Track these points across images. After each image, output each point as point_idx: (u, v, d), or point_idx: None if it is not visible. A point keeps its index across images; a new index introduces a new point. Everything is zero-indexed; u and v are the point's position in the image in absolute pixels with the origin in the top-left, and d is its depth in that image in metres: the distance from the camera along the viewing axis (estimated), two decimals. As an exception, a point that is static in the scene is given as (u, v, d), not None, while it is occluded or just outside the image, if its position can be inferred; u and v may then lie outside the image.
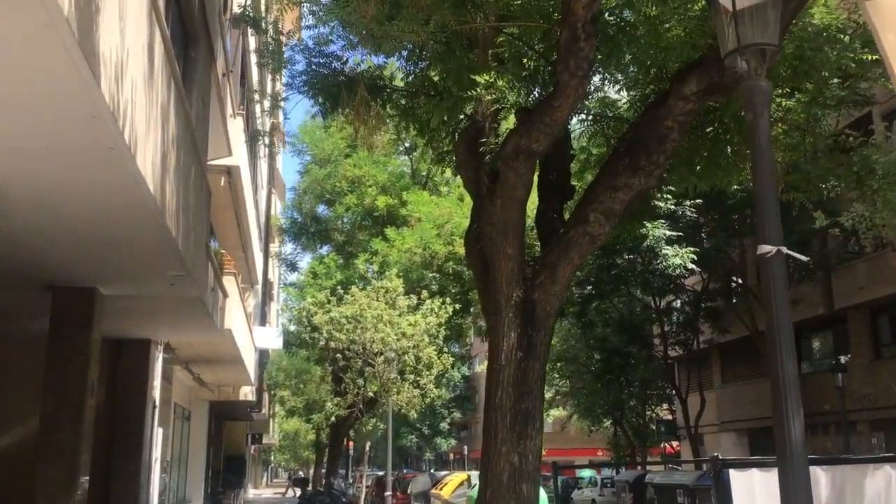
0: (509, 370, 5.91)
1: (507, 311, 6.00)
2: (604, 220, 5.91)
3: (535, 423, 5.93)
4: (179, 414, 22.94)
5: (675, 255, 19.03)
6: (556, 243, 6.17)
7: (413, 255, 21.15)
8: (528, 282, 6.11)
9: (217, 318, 11.88)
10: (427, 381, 17.39)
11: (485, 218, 6.15)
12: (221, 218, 17.80)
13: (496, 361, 5.99)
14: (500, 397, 5.89)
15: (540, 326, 6.06)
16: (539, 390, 6.04)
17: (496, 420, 5.86)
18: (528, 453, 5.79)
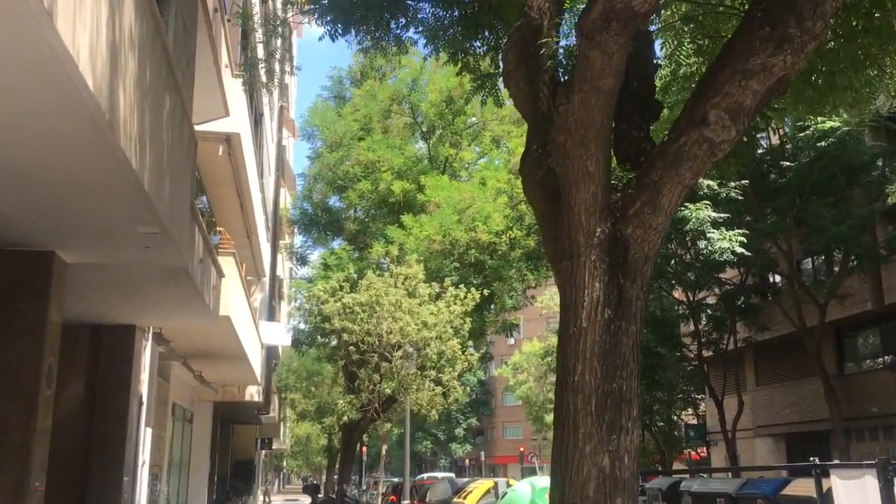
0: (593, 335, 4.18)
1: (589, 252, 4.27)
2: (729, 122, 4.13)
3: (630, 409, 4.19)
4: (180, 415, 21.27)
5: (721, 238, 17.17)
6: (659, 157, 4.37)
7: (432, 244, 19.42)
8: (618, 212, 4.37)
9: (210, 299, 10.17)
10: (450, 377, 15.56)
11: (556, 123, 4.39)
12: (220, 194, 16.17)
13: (573, 324, 4.25)
14: (581, 375, 4.15)
15: (635, 273, 4.32)
16: (635, 363, 4.31)
17: (576, 407, 4.13)
18: (622, 453, 4.07)
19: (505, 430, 76.36)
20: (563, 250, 4.36)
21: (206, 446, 23.51)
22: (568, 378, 4.19)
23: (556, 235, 4.46)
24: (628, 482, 4.03)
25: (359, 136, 23.69)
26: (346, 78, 27.00)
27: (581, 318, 4.19)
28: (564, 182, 4.35)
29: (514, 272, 20.85)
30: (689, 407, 38.38)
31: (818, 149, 16.99)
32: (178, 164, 7.33)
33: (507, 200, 21.25)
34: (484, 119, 24.14)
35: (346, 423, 26.93)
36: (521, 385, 63.16)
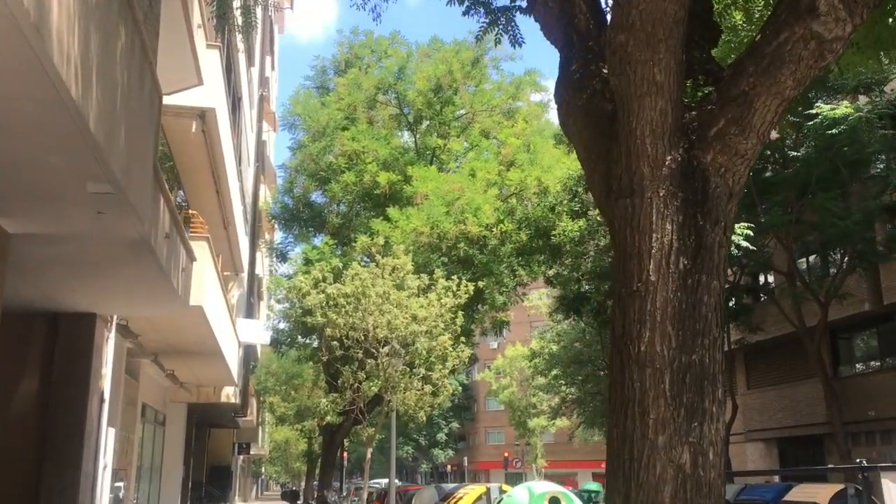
0: (664, 292, 3.22)
1: (656, 187, 3.31)
2: (844, 12, 3.17)
3: (714, 389, 3.22)
4: (151, 417, 20.08)
5: (726, 232, 16.32)
6: (750, 60, 3.36)
7: (419, 236, 18.40)
8: (694, 134, 3.40)
9: (178, 282, 9.11)
10: (440, 376, 14.49)
11: (613, 21, 3.39)
12: (194, 181, 15.09)
13: (637, 278, 3.27)
14: (650, 343, 3.17)
15: (718, 213, 3.35)
16: (719, 329, 3.34)
17: (643, 386, 3.15)
18: (706, 446, 3.10)
19: (487, 435, 75.33)
20: (621, 186, 3.39)
21: (179, 450, 22.31)
22: (630, 348, 3.21)
23: (608, 171, 3.49)
24: (714, 485, 3.06)
25: (343, 125, 22.63)
26: (330, 68, 25.98)
27: (648, 269, 3.22)
28: (624, 97, 3.37)
29: (504, 267, 19.88)
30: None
31: (827, 137, 16.15)
32: (137, 116, 6.29)
33: (497, 193, 20.29)
34: (473, 110, 23.19)
35: (327, 426, 25.83)
36: (504, 389, 62.17)
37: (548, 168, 20.15)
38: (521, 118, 22.33)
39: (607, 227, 3.63)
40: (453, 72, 21.87)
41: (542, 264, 21.50)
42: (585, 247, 20.96)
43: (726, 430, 25.73)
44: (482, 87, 23.05)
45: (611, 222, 3.49)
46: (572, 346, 33.53)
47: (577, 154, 3.92)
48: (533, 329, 64.29)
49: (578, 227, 20.15)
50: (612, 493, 3.18)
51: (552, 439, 64.52)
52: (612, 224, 3.48)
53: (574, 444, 56.32)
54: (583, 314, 28.15)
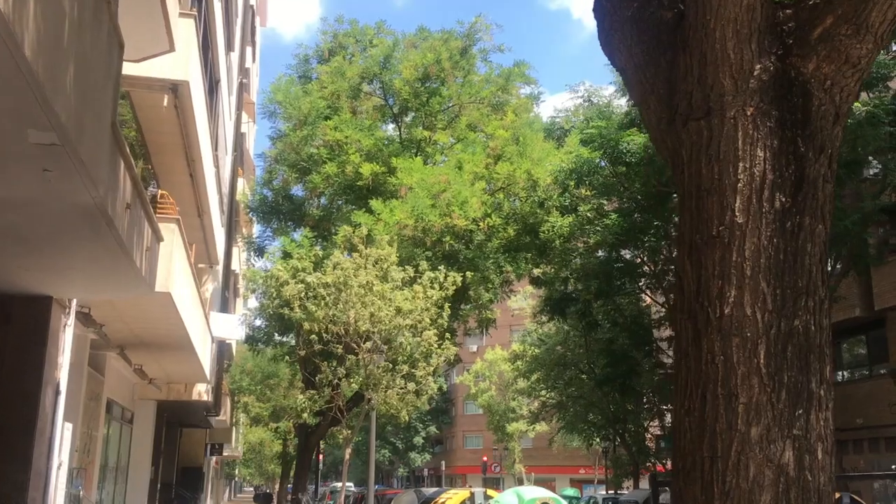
0: (756, 238, 2.46)
1: (743, 103, 2.55)
2: None
3: (822, 365, 2.45)
4: (117, 414, 19.13)
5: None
6: None
7: (403, 229, 17.60)
8: (790, 37, 2.65)
9: (143, 263, 8.26)
10: (424, 374, 13.64)
11: None
12: (167, 164, 14.21)
13: (717, 221, 2.50)
14: (738, 304, 2.41)
15: (823, 138, 2.59)
16: (825, 287, 2.58)
17: (729, 361, 2.37)
18: (814, 441, 2.34)
19: (465, 439, 74.53)
20: (693, 105, 2.61)
21: (147, 450, 21.34)
22: (709, 311, 2.44)
23: (671, 89, 2.73)
24: (824, 493, 2.31)
25: (325, 114, 21.76)
26: (313, 57, 25.08)
27: (733, 208, 2.46)
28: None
29: (490, 263, 19.11)
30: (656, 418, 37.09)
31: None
32: (91, 60, 5.47)
33: (484, 186, 19.54)
34: (460, 101, 22.42)
35: (303, 427, 24.93)
36: (482, 393, 61.42)
37: (538, 161, 19.42)
38: (510, 110, 21.59)
39: (669, 160, 2.81)
40: (441, 61, 21.09)
41: (529, 262, 20.77)
42: (574, 243, 20.28)
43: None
44: (470, 78, 22.29)
45: (674, 154, 2.73)
46: (555, 349, 32.87)
47: (625, 80, 3.16)
48: (513, 332, 63.65)
49: (568, 224, 19.46)
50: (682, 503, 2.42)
51: (531, 444, 63.88)
52: (676, 156, 2.72)
53: (553, 449, 55.73)
54: (568, 316, 27.51)
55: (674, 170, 2.77)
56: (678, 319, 2.62)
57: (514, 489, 10.97)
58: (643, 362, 29.28)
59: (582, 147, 18.69)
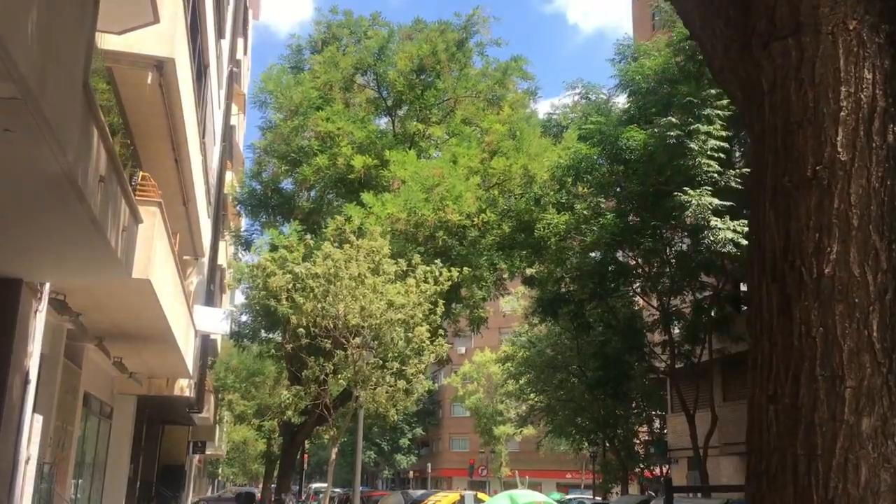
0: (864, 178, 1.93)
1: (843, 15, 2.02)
2: None
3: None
4: (95, 409, 18.50)
5: (725, 228, 15.21)
6: None
7: (395, 223, 17.07)
8: None
9: (119, 244, 7.70)
10: (415, 371, 13.09)
11: None
12: (151, 147, 13.64)
13: (815, 159, 1.97)
14: (840, 261, 1.89)
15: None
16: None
17: (832, 333, 1.86)
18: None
19: (452, 441, 73.99)
20: (777, 21, 2.10)
21: (126, 446, 20.69)
22: (802, 271, 1.93)
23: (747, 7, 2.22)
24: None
25: (317, 105, 21.22)
26: (306, 48, 24.52)
27: (835, 142, 1.95)
28: None
29: (484, 260, 18.61)
30: (644, 423, 36.72)
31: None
32: (57, 9, 4.92)
33: (479, 181, 19.02)
34: (456, 95, 21.92)
35: (288, 425, 24.34)
36: (470, 395, 60.97)
37: (535, 156, 18.93)
38: (506, 105, 21.10)
39: (740, 95, 2.28)
40: (437, 52, 20.57)
41: (524, 260, 20.26)
42: (570, 242, 19.81)
43: (705, 443, 24.83)
44: (466, 72, 21.78)
45: (749, 85, 2.21)
46: (545, 352, 32.40)
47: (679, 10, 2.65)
48: (502, 335, 63.22)
49: (564, 221, 18.99)
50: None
51: (517, 448, 63.45)
52: (752, 87, 2.20)
53: (540, 453, 55.33)
54: (560, 317, 27.05)
55: (747, 106, 2.26)
56: (757, 284, 2.09)
57: (508, 493, 10.46)
58: (635, 367, 28.84)
59: (580, 143, 18.25)
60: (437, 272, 13.71)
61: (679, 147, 15.88)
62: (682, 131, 15.68)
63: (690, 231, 17.78)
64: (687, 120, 15.81)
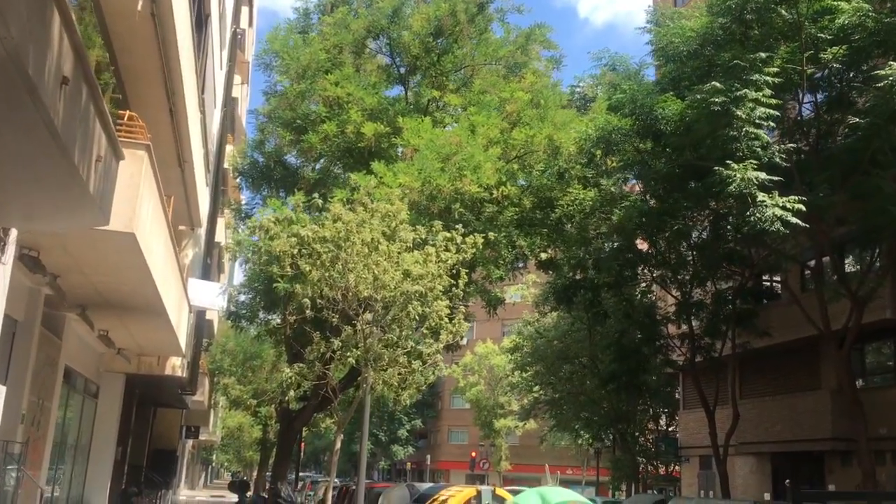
0: None
1: None
2: None
3: None
4: (79, 386, 17.16)
5: (773, 205, 13.80)
6: None
7: (408, 193, 15.66)
8: None
9: (88, 171, 6.30)
10: (431, 351, 11.66)
11: None
12: (142, 90, 12.25)
13: None
14: None
15: None
16: None
17: None
18: None
19: (450, 434, 72.74)
20: None
21: (113, 428, 19.37)
22: None
23: None
24: None
25: (325, 68, 19.80)
26: (315, 11, 23.03)
27: None
28: None
29: (503, 237, 17.21)
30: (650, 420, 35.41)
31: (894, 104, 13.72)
32: None
33: (499, 152, 17.60)
34: (474, 62, 20.48)
35: (286, 411, 23.01)
36: (471, 387, 59.67)
37: (560, 126, 17.51)
38: (528, 73, 19.65)
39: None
40: (457, 13, 19.12)
41: (544, 238, 18.84)
42: (595, 221, 18.41)
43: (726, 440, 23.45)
44: (486, 37, 20.32)
45: None
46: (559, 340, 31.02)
47: None
48: (505, 326, 61.86)
49: (591, 198, 17.60)
50: None
51: (517, 442, 62.20)
52: None
53: (540, 447, 54.08)
54: (574, 306, 25.69)
55: None
56: None
57: (537, 490, 9.13)
58: (652, 360, 27.51)
59: (610, 114, 16.84)
60: (460, 238, 12.28)
61: (723, 116, 14.46)
62: (728, 97, 14.25)
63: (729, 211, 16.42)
64: (732, 86, 14.38)
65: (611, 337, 27.43)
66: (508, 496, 11.71)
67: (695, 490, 31.45)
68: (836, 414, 23.65)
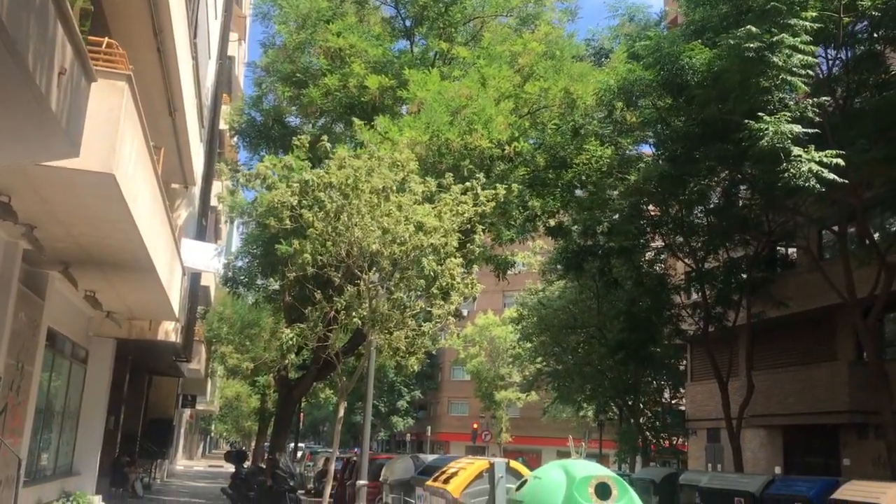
0: None
1: None
2: None
3: None
4: (66, 350, 16.25)
5: (809, 159, 12.80)
6: None
7: (415, 148, 14.62)
8: None
9: (49, 85, 5.30)
10: (443, 312, 10.67)
11: None
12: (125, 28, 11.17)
13: None
14: None
15: None
16: None
17: None
18: None
19: (450, 405, 72.27)
20: None
21: (103, 394, 18.49)
22: None
23: None
24: None
25: (327, 17, 18.67)
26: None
27: None
28: None
29: (514, 197, 16.22)
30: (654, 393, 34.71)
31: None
32: None
33: (511, 107, 16.55)
34: (484, 14, 19.36)
35: (284, 380, 22.18)
36: (472, 359, 59.00)
37: (578, 78, 16.42)
38: (542, 23, 18.51)
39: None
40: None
41: (557, 199, 17.80)
42: (613, 181, 17.41)
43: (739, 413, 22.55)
44: (495, -16, 19.16)
45: None
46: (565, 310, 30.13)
47: None
48: (506, 298, 61.00)
49: (608, 156, 16.59)
50: None
51: (518, 414, 61.70)
52: None
53: (541, 420, 53.54)
54: (583, 273, 24.78)
55: None
56: None
57: (560, 463, 8.28)
58: (661, 330, 26.65)
59: (631, 62, 15.76)
60: (479, 187, 11.25)
61: (757, 63, 13.41)
62: (763, 43, 13.18)
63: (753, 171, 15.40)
64: (768, 30, 13.31)
65: (619, 306, 26.55)
66: (525, 470, 10.81)
67: (702, 463, 30.77)
68: (853, 386, 22.83)
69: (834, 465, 23.86)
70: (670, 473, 22.21)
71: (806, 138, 13.23)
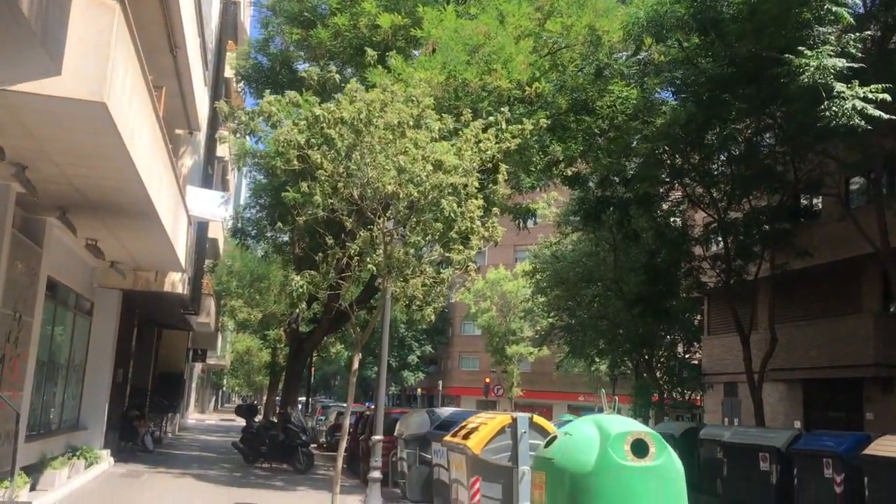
0: None
1: None
2: None
3: None
4: (70, 302, 15.71)
5: (853, 96, 11.94)
6: None
7: (431, 89, 13.76)
8: None
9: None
10: (463, 258, 9.94)
11: None
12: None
13: None
14: None
15: None
16: None
17: None
18: None
19: (461, 360, 72.14)
20: None
21: (109, 347, 18.00)
22: None
23: None
24: None
25: (336, -49, 17.70)
26: None
27: None
28: None
29: (534, 141, 15.40)
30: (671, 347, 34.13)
31: None
32: None
33: (532, 45, 15.63)
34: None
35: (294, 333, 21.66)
36: (483, 313, 58.54)
37: (604, 12, 15.46)
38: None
39: None
40: None
41: (579, 144, 16.94)
42: (637, 125, 16.53)
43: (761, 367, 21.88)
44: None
45: None
46: (579, 263, 29.42)
47: None
48: (517, 252, 60.32)
49: (634, 98, 15.72)
50: None
51: (529, 368, 61.44)
52: None
53: (552, 374, 53.25)
54: (601, 225, 24.02)
55: None
56: None
57: (593, 418, 7.67)
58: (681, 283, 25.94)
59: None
60: (503, 121, 10.46)
61: (799, -8, 12.49)
62: (807, -32, 12.25)
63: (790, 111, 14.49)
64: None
65: (638, 258, 25.80)
66: (550, 426, 10.21)
67: (718, 418, 30.32)
68: (878, 338, 22.16)
69: (856, 420, 23.30)
70: (690, 428, 21.67)
71: (850, 73, 12.33)
